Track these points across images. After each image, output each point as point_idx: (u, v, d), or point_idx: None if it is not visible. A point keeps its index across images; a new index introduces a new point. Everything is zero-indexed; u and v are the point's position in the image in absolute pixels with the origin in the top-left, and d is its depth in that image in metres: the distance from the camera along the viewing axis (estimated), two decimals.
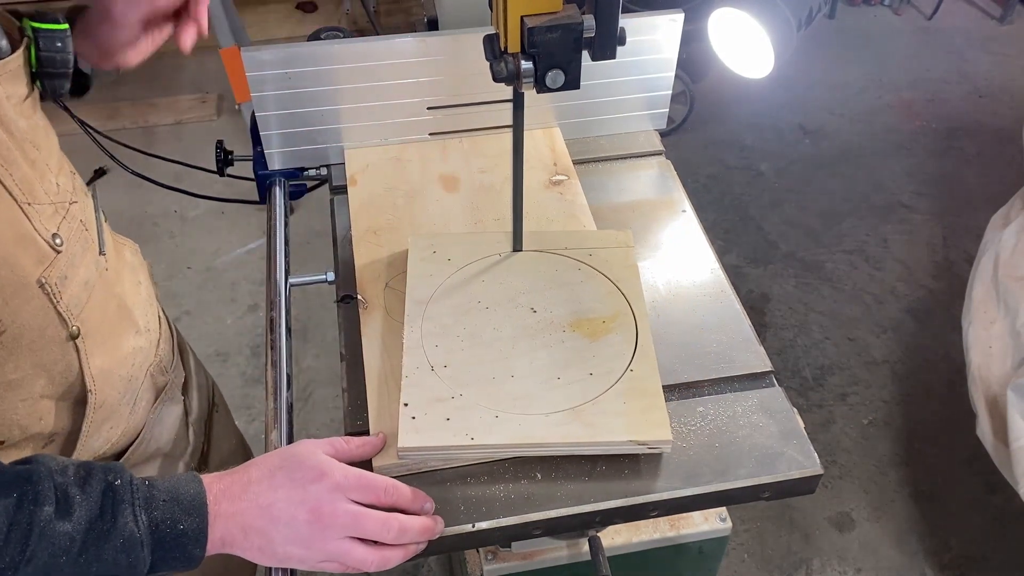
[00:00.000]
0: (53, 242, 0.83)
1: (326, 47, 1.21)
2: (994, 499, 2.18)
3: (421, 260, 1.06)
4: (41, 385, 0.86)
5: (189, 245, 2.89)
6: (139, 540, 0.71)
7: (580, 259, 1.07)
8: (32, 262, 0.81)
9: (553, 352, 0.96)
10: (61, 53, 0.84)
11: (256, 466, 0.79)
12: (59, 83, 0.86)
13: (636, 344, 0.97)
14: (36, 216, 0.81)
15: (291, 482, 0.77)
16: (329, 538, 0.77)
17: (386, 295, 1.06)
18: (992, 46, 3.83)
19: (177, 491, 0.74)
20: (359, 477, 0.80)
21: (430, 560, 2.07)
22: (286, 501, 0.76)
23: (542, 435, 0.87)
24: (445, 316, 1.00)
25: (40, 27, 0.83)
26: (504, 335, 0.98)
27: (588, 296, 1.03)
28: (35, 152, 0.83)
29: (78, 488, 0.71)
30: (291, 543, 0.76)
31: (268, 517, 0.76)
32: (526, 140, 1.31)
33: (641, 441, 0.87)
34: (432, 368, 0.93)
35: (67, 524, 0.69)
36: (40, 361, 0.85)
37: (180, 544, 0.73)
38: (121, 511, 0.71)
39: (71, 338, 0.87)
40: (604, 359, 0.95)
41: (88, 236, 0.90)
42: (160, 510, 0.73)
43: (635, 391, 0.91)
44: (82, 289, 0.88)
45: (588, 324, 0.99)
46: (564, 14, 0.83)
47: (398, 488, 0.81)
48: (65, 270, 0.85)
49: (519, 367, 0.94)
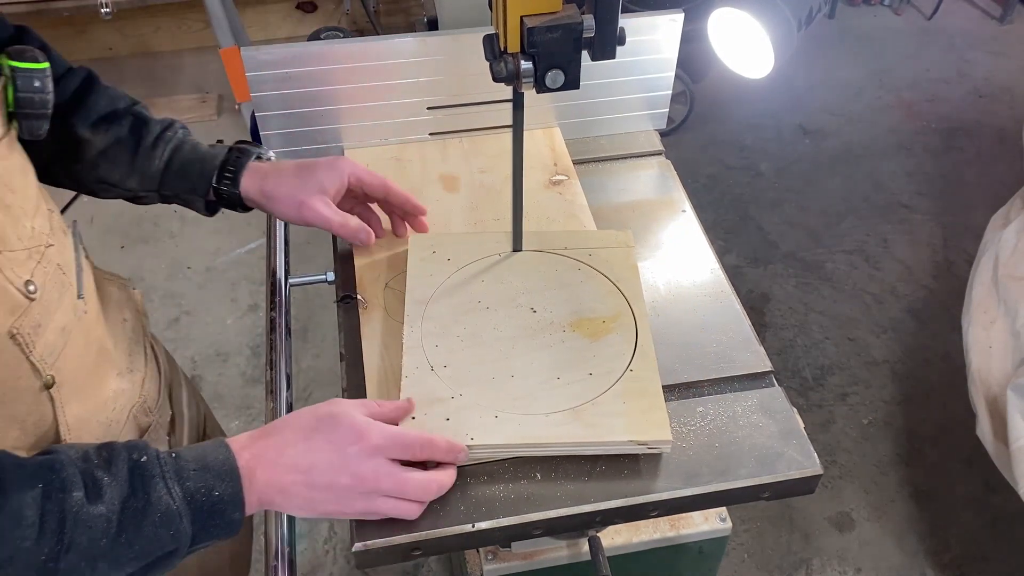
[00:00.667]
0: (26, 290, 0.79)
1: (326, 47, 1.21)
2: (994, 499, 2.18)
3: (421, 260, 1.06)
4: (13, 437, 0.82)
5: (189, 245, 2.89)
6: (176, 512, 0.70)
7: (580, 259, 1.07)
8: (3, 312, 0.76)
9: (553, 352, 0.96)
10: (40, 94, 0.81)
11: (290, 427, 0.79)
12: (36, 123, 0.82)
13: (636, 344, 0.97)
14: (7, 264, 0.77)
15: (330, 445, 0.77)
16: (371, 499, 0.79)
17: (386, 295, 1.06)
18: (992, 46, 3.83)
19: (205, 459, 0.74)
20: (396, 436, 0.80)
21: (430, 560, 2.08)
22: (327, 465, 0.77)
23: (542, 435, 0.87)
24: (445, 316, 1.00)
25: (18, 66, 0.79)
26: (504, 335, 0.98)
27: (588, 296, 1.03)
28: (10, 196, 0.79)
29: (104, 470, 0.70)
30: (331, 503, 0.78)
31: (308, 482, 0.76)
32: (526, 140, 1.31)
33: (641, 441, 0.87)
34: (432, 368, 0.93)
35: (100, 507, 0.68)
36: (12, 413, 0.80)
37: (218, 510, 0.72)
38: (153, 486, 0.70)
39: (45, 387, 0.82)
40: (604, 359, 0.95)
41: (65, 280, 0.86)
42: (192, 480, 0.72)
43: (635, 391, 0.91)
44: (58, 336, 0.83)
45: (588, 324, 0.99)
46: (564, 14, 0.83)
47: (433, 443, 0.82)
48: (39, 318, 0.80)
49: (519, 367, 0.94)
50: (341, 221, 1.03)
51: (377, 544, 0.82)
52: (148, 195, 1.06)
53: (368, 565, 0.85)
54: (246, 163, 1.04)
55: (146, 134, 1.03)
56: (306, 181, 1.02)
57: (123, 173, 1.03)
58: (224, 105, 3.46)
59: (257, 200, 1.04)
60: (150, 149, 1.02)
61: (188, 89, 3.54)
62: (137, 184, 1.04)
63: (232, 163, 1.03)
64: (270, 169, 1.04)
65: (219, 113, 3.43)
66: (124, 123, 1.02)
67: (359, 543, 0.82)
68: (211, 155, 1.04)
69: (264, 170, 1.04)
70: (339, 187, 1.04)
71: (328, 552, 2.11)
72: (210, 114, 3.40)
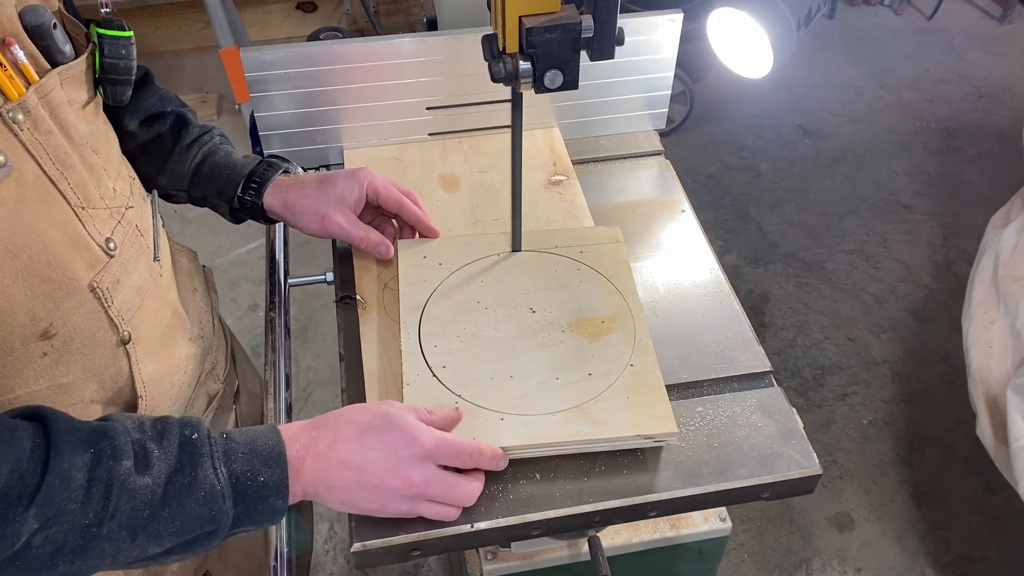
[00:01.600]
0: (106, 247, 0.83)
1: (326, 47, 1.21)
2: (994, 499, 2.18)
3: (413, 266, 1.06)
4: (91, 390, 0.85)
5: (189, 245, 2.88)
6: (220, 492, 0.71)
7: (575, 258, 1.07)
8: (84, 266, 0.81)
9: (553, 352, 0.96)
10: (125, 60, 0.85)
11: (344, 422, 0.79)
12: (121, 89, 0.86)
13: (634, 340, 0.97)
14: (90, 220, 0.81)
15: (383, 445, 0.78)
16: (416, 502, 0.80)
17: (384, 295, 1.06)
18: (992, 46, 3.83)
19: (255, 443, 0.74)
20: (448, 444, 0.81)
21: (430, 560, 2.08)
22: (378, 465, 0.77)
23: (549, 435, 0.88)
24: (444, 316, 1.00)
25: (106, 33, 0.84)
26: (503, 335, 0.98)
27: (587, 296, 1.03)
28: (94, 156, 0.83)
29: (155, 443, 0.71)
30: (375, 501, 0.79)
31: (357, 479, 0.77)
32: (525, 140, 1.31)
33: (648, 435, 0.88)
34: (433, 373, 0.93)
35: (147, 478, 0.68)
36: (91, 365, 0.84)
37: (262, 496, 0.73)
38: (200, 464, 0.71)
39: (122, 343, 0.86)
40: (603, 359, 0.95)
41: (143, 242, 0.90)
42: (240, 462, 0.73)
43: (637, 386, 0.92)
44: (134, 294, 0.87)
45: (588, 324, 0.99)
46: (562, 14, 0.83)
47: (481, 452, 0.83)
48: (118, 275, 0.84)
49: (518, 367, 0.94)
50: (362, 235, 1.06)
51: (376, 544, 0.82)
52: (178, 194, 1.10)
53: (367, 565, 0.85)
54: (272, 176, 1.06)
55: (184, 135, 1.07)
56: (327, 194, 1.05)
57: (157, 169, 1.07)
58: (224, 105, 3.46)
59: (280, 213, 1.07)
60: (185, 150, 1.06)
61: (188, 89, 3.54)
62: (168, 182, 1.08)
63: (259, 175, 1.06)
64: (292, 182, 1.07)
65: (219, 113, 3.43)
66: (167, 121, 1.06)
67: (358, 543, 0.82)
68: (240, 164, 1.08)
69: (287, 183, 1.07)
70: (358, 198, 1.06)
71: (328, 552, 2.11)
72: (210, 114, 3.40)
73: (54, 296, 0.78)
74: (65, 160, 0.78)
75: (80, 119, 0.81)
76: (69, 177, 0.79)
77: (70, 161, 0.79)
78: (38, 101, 0.75)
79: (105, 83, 0.85)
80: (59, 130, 0.78)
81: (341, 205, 1.05)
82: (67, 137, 0.79)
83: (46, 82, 0.76)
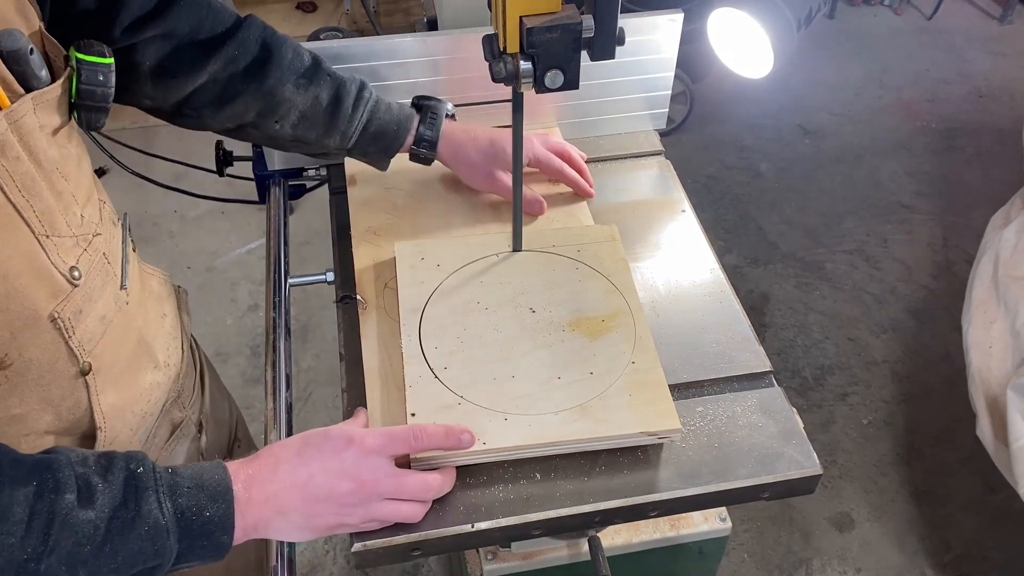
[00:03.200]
0: (71, 275, 0.81)
1: (326, 47, 1.21)
2: (994, 499, 2.18)
3: (411, 268, 1.06)
4: (47, 421, 0.84)
5: (189, 245, 2.89)
6: (165, 528, 0.70)
7: (573, 257, 1.08)
8: (46, 296, 0.79)
9: (554, 352, 0.96)
10: (102, 87, 0.82)
11: (281, 446, 0.79)
12: (96, 116, 0.84)
13: (635, 337, 0.97)
14: (54, 249, 0.79)
15: (322, 454, 0.77)
16: (372, 503, 0.79)
17: (385, 295, 1.05)
18: (992, 46, 3.83)
19: (201, 477, 0.73)
20: (386, 435, 0.81)
21: (430, 560, 2.08)
22: (323, 473, 0.77)
23: (553, 434, 0.87)
24: (444, 317, 1.00)
25: (84, 59, 0.81)
26: (504, 336, 0.98)
27: (587, 295, 1.03)
28: (63, 183, 0.81)
29: (100, 477, 0.70)
30: (332, 515, 0.77)
31: (305, 494, 0.76)
32: None
33: (652, 432, 0.88)
34: (435, 375, 0.93)
35: (90, 512, 0.67)
36: (47, 396, 0.82)
37: (207, 531, 0.72)
38: (145, 498, 0.70)
39: (81, 374, 0.84)
40: (604, 358, 0.95)
41: (110, 269, 0.88)
42: (185, 497, 0.72)
43: (639, 383, 0.92)
44: (98, 324, 0.85)
45: (588, 323, 0.99)
46: (563, 14, 0.83)
47: (427, 432, 0.83)
48: (81, 304, 0.82)
49: (520, 367, 0.94)
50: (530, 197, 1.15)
51: (377, 544, 0.82)
52: (339, 152, 1.12)
53: (368, 565, 0.85)
54: (440, 126, 1.11)
55: (345, 96, 1.06)
56: (497, 155, 1.13)
57: (321, 133, 1.07)
58: None
59: (450, 163, 1.15)
60: (350, 111, 1.07)
61: None
62: (335, 143, 1.09)
63: (429, 125, 1.11)
64: (464, 137, 1.13)
65: None
66: (323, 83, 1.05)
67: (358, 543, 0.82)
68: (405, 119, 1.10)
69: (458, 136, 1.13)
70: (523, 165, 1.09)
71: (328, 552, 2.11)
72: None
73: (11, 326, 0.76)
74: (32, 187, 0.76)
75: (51, 144, 0.79)
76: (35, 204, 0.76)
77: (37, 188, 0.76)
78: (8, 127, 0.72)
79: (80, 109, 0.82)
80: (28, 156, 0.75)
81: (507, 166, 1.11)
82: (36, 163, 0.76)
83: (18, 107, 0.74)
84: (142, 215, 2.94)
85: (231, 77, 1.00)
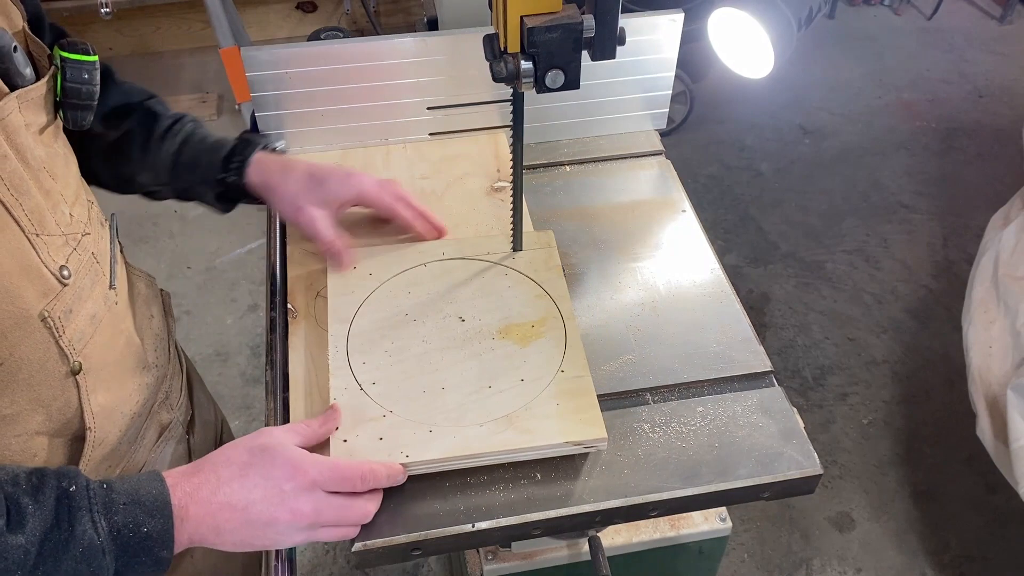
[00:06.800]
0: (60, 274, 0.81)
1: (326, 47, 1.21)
2: (994, 499, 2.18)
3: (342, 277, 1.04)
4: (37, 421, 0.83)
5: (189, 245, 2.89)
6: (100, 547, 0.68)
7: (505, 264, 1.06)
8: (36, 295, 0.78)
9: (483, 361, 0.95)
10: (87, 85, 0.82)
11: (224, 464, 0.77)
12: (81, 115, 0.84)
13: (565, 344, 0.96)
14: (44, 247, 0.79)
15: (266, 481, 0.76)
16: (309, 531, 0.78)
17: (316, 304, 1.04)
18: (992, 46, 3.83)
19: (138, 492, 0.72)
20: (334, 469, 0.79)
21: (430, 560, 2.08)
22: (264, 503, 0.75)
23: (478, 446, 0.86)
24: (372, 331, 0.98)
25: (69, 57, 0.81)
26: (433, 347, 0.96)
27: (516, 301, 1.01)
28: (50, 182, 0.81)
29: (30, 498, 0.68)
30: (267, 537, 0.77)
31: (244, 519, 0.75)
32: (470, 144, 1.29)
33: (577, 442, 0.87)
34: (360, 387, 0.91)
35: (20, 537, 0.65)
36: (37, 396, 0.81)
37: (145, 548, 0.70)
38: (78, 519, 0.68)
39: (72, 373, 0.84)
40: (535, 364, 0.94)
41: (99, 269, 0.88)
42: (121, 514, 0.70)
43: (567, 392, 0.91)
44: (88, 323, 0.85)
45: (517, 330, 0.98)
46: (564, 14, 0.83)
47: (375, 473, 0.82)
48: (71, 303, 0.82)
49: (449, 379, 0.93)
50: (328, 239, 1.04)
51: (377, 544, 0.82)
52: (161, 189, 1.07)
53: (368, 565, 0.85)
54: (252, 153, 1.04)
55: (156, 127, 1.04)
56: (313, 189, 1.04)
57: (133, 168, 1.04)
58: (224, 105, 3.46)
59: (260, 192, 1.05)
60: (159, 141, 1.03)
61: (188, 89, 3.54)
62: (149, 179, 1.05)
63: (239, 152, 1.04)
64: (280, 165, 1.05)
65: (219, 113, 3.42)
66: (135, 117, 1.04)
67: (359, 543, 0.82)
68: (219, 145, 1.05)
69: (273, 164, 1.05)
70: (344, 203, 1.06)
71: (328, 552, 2.11)
72: (210, 114, 3.40)
73: (1, 326, 0.76)
74: (20, 185, 0.75)
75: (38, 143, 0.79)
76: (24, 203, 0.76)
77: (25, 186, 0.76)
78: None
79: (65, 107, 0.82)
80: (15, 154, 0.75)
81: (322, 204, 1.04)
82: (23, 162, 0.76)
83: (3, 105, 0.73)
84: (142, 215, 2.94)
85: None
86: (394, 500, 0.85)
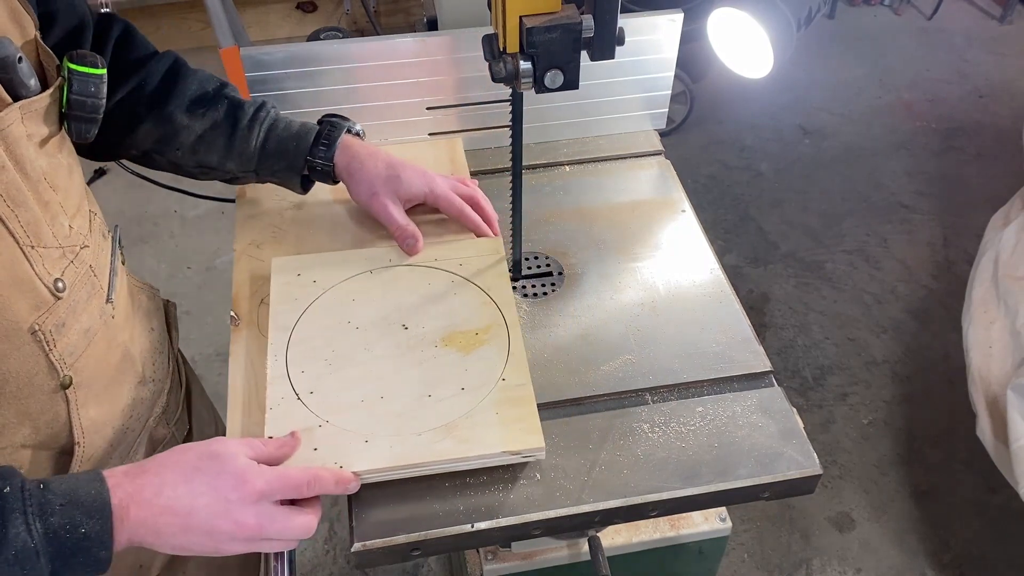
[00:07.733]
0: (55, 287, 0.80)
1: (326, 47, 1.21)
2: (994, 499, 2.18)
3: (285, 284, 1.03)
4: (24, 434, 0.82)
5: (189, 245, 2.89)
6: (34, 550, 0.67)
7: (452, 271, 1.05)
8: (27, 307, 0.77)
9: (424, 369, 0.94)
10: (93, 98, 0.82)
11: (170, 466, 0.76)
12: (86, 127, 0.83)
13: (508, 352, 0.95)
14: (39, 260, 0.78)
15: (211, 490, 0.75)
16: (249, 543, 0.77)
17: (260, 312, 1.03)
18: (992, 46, 3.83)
19: (76, 493, 0.70)
20: (280, 478, 0.78)
21: (430, 560, 2.08)
22: (207, 511, 0.74)
23: (414, 456, 0.85)
24: (314, 339, 0.97)
25: (76, 69, 0.80)
26: (374, 355, 0.95)
27: (461, 308, 1.00)
28: (50, 193, 0.80)
29: None
30: (206, 545, 0.76)
31: (185, 525, 0.74)
32: (428, 148, 1.28)
33: (515, 451, 0.86)
34: (298, 397, 0.90)
35: None
36: (25, 409, 0.80)
37: (83, 548, 0.69)
38: (11, 521, 0.67)
39: (61, 387, 0.82)
40: (476, 372, 0.93)
41: (96, 282, 0.87)
42: (57, 515, 0.69)
43: (508, 400, 0.90)
44: (81, 337, 0.84)
45: (461, 337, 0.97)
46: (563, 14, 0.83)
47: (320, 479, 0.81)
48: (64, 317, 0.81)
49: (389, 387, 0.92)
50: (402, 223, 1.08)
51: (377, 544, 0.83)
52: (245, 175, 1.09)
53: (368, 565, 0.85)
54: (339, 137, 1.08)
55: (241, 116, 1.06)
56: (390, 180, 1.08)
57: (221, 156, 1.06)
58: None
59: (342, 174, 1.09)
60: (246, 131, 1.06)
61: None
62: (236, 166, 1.07)
63: (326, 136, 1.07)
64: (365, 153, 1.09)
65: None
66: (220, 107, 1.05)
67: (358, 543, 0.82)
68: (305, 131, 1.08)
69: (359, 151, 1.08)
70: (414, 197, 1.09)
71: (328, 552, 2.11)
72: None
73: None
74: (17, 197, 0.75)
75: (40, 154, 0.78)
76: (20, 215, 0.75)
77: (22, 198, 0.75)
78: None
79: (71, 119, 0.82)
80: (13, 165, 0.74)
81: (395, 194, 1.08)
82: (22, 173, 0.75)
83: (5, 116, 0.73)
84: (142, 215, 2.93)
85: (134, 105, 1.00)
86: (394, 500, 0.86)
